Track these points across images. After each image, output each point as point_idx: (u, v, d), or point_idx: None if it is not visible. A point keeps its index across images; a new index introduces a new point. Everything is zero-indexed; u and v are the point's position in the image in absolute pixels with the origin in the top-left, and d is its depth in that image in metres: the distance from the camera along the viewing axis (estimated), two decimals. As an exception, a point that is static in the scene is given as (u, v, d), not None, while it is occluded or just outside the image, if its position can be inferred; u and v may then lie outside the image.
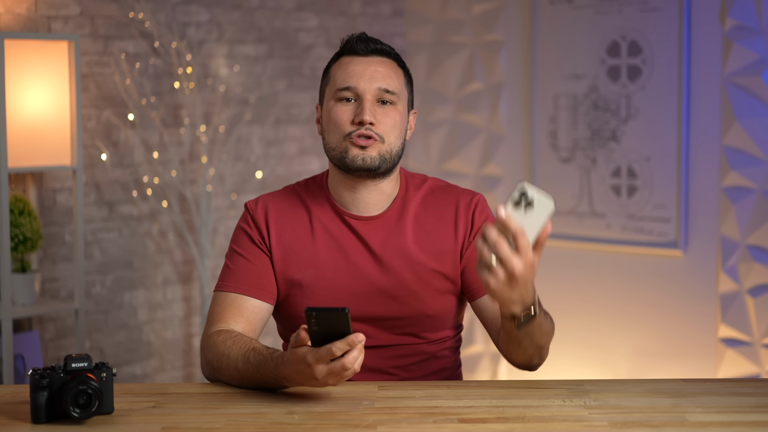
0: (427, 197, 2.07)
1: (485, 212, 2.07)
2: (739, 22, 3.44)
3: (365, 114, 1.96)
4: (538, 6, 4.02)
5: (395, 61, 2.04)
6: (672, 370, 3.68)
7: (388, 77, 2.00)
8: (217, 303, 2.01)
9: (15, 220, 3.18)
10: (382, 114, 1.98)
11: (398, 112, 2.00)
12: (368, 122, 1.96)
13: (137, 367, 3.72)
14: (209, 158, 3.80)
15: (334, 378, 1.67)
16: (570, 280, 3.96)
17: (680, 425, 1.63)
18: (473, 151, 4.25)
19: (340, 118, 1.99)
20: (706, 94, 3.60)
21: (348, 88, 1.98)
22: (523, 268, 1.59)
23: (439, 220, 2.04)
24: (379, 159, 1.97)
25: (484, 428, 1.62)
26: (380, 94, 1.98)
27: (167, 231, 3.76)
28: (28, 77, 3.16)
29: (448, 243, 2.03)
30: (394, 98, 2.00)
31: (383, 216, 2.03)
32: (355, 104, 1.99)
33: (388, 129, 1.98)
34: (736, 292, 3.49)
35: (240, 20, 3.93)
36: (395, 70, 2.02)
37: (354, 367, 1.65)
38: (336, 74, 2.02)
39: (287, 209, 2.06)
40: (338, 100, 2.00)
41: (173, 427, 1.63)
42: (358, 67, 2.00)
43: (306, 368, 1.67)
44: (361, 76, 1.98)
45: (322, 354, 1.65)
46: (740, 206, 3.47)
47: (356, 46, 2.02)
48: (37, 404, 1.63)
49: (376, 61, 2.01)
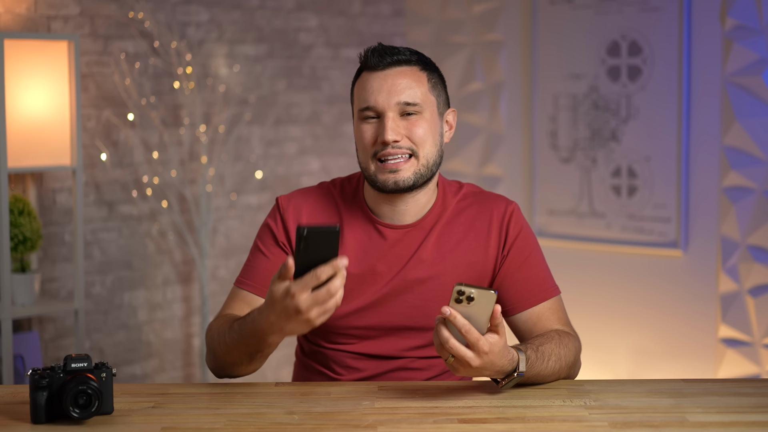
0: (461, 204, 2.02)
1: (519, 223, 2.02)
2: (740, 22, 3.44)
3: (387, 134, 1.89)
4: (538, 6, 4.02)
5: (418, 65, 1.96)
6: (672, 370, 3.68)
7: (408, 88, 1.92)
8: (231, 297, 2.01)
9: (15, 220, 3.17)
10: (410, 126, 1.92)
11: (426, 120, 1.93)
12: (391, 141, 1.90)
13: (137, 367, 3.72)
14: (209, 158, 3.80)
15: (318, 309, 1.61)
16: (570, 280, 3.96)
17: (680, 425, 1.63)
18: (473, 151, 4.25)
19: (365, 137, 1.93)
20: (707, 94, 3.60)
21: (368, 108, 1.92)
22: (478, 360, 1.67)
23: (470, 230, 2.00)
24: (414, 177, 1.93)
25: (484, 428, 1.62)
26: (402, 108, 1.92)
27: (167, 231, 3.76)
28: (27, 77, 3.16)
29: (478, 255, 1.99)
30: (418, 108, 1.92)
31: (418, 225, 1.99)
32: (378, 122, 1.93)
33: (418, 141, 1.92)
34: (736, 292, 3.49)
35: (240, 20, 3.93)
36: (417, 78, 1.94)
37: (337, 296, 1.61)
38: (358, 93, 1.96)
39: (320, 213, 2.02)
40: (362, 120, 1.94)
41: (173, 427, 1.63)
42: (376, 83, 1.92)
43: (290, 301, 1.60)
44: (379, 92, 1.91)
45: (307, 281, 1.59)
46: (740, 206, 3.47)
47: (372, 61, 1.94)
48: (37, 404, 1.63)
49: (395, 72, 1.93)
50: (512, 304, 1.99)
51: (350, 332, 1.99)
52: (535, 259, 2.01)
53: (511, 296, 1.99)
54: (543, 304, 1.98)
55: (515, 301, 1.99)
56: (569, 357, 1.89)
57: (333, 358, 2.02)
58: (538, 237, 4.06)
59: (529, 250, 2.01)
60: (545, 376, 1.85)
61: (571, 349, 1.90)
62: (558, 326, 1.97)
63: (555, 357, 1.85)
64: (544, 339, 1.88)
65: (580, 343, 1.97)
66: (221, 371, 1.91)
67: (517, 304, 1.99)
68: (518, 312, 1.99)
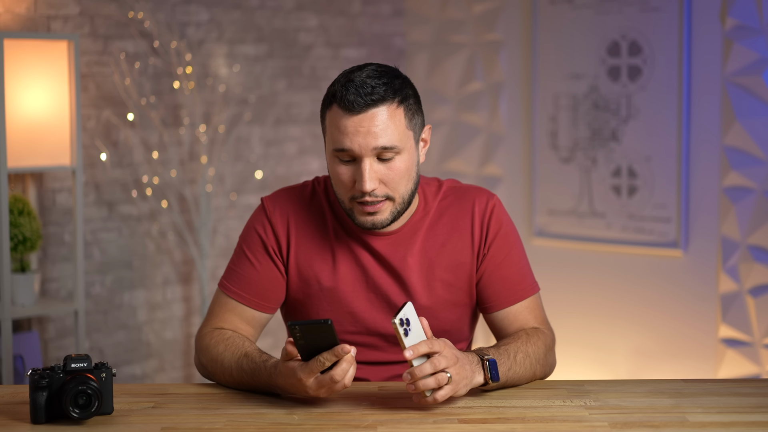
0: (442, 204, 2.00)
1: (500, 219, 1.99)
2: (740, 22, 3.44)
3: (364, 184, 1.82)
4: (538, 6, 4.02)
5: (394, 99, 1.84)
6: (672, 371, 3.68)
7: (386, 130, 1.82)
8: (217, 303, 2.00)
9: (15, 220, 3.17)
10: (386, 170, 1.85)
11: (403, 160, 1.86)
12: (369, 191, 1.84)
13: (137, 368, 3.72)
14: (209, 158, 3.80)
15: (326, 390, 1.69)
16: (570, 280, 3.96)
17: (680, 425, 1.63)
18: (473, 151, 4.25)
19: (342, 180, 1.86)
20: (707, 94, 3.60)
21: (343, 150, 1.83)
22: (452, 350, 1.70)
23: (454, 230, 1.98)
24: (391, 216, 1.89)
25: (484, 428, 1.62)
26: (379, 152, 1.83)
27: (167, 231, 3.76)
28: (27, 77, 3.16)
29: (465, 255, 1.98)
30: (396, 151, 1.84)
31: (401, 231, 1.97)
32: (354, 165, 1.85)
33: (395, 183, 1.86)
34: (736, 292, 3.49)
35: (240, 20, 3.93)
36: (393, 116, 1.84)
37: (344, 380, 1.67)
38: (330, 129, 1.86)
39: (307, 214, 1.99)
40: (337, 160, 1.86)
41: (173, 427, 1.63)
42: (351, 126, 1.82)
43: (297, 382, 1.69)
44: (355, 136, 1.82)
45: (312, 367, 1.66)
46: (741, 206, 3.47)
47: (346, 101, 1.82)
48: (37, 404, 1.63)
49: (370, 114, 1.82)
50: (490, 302, 1.99)
51: (346, 338, 1.98)
52: (515, 257, 2.00)
53: (489, 294, 1.98)
54: (521, 303, 1.98)
55: (493, 300, 1.98)
56: (538, 353, 1.89)
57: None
58: (539, 237, 4.06)
59: (509, 247, 2.00)
60: (519, 373, 1.84)
61: (540, 346, 1.90)
62: (534, 324, 1.97)
63: (522, 353, 1.86)
64: (508, 339, 1.91)
65: (552, 338, 1.97)
66: (211, 379, 1.94)
67: (495, 302, 1.98)
68: (496, 310, 1.98)
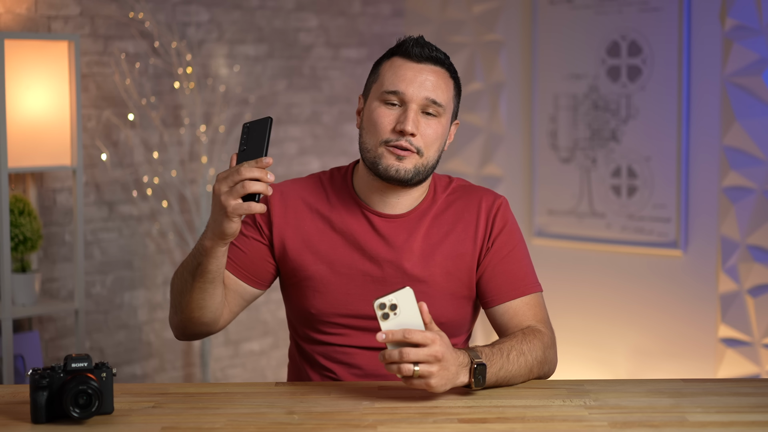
0: (450, 198, 2.03)
1: (506, 217, 2.02)
2: (739, 22, 3.44)
3: (408, 124, 1.89)
4: (538, 6, 4.02)
5: (448, 71, 1.97)
6: (672, 370, 3.68)
7: (437, 88, 1.93)
8: None
9: (15, 220, 3.18)
10: (425, 125, 1.92)
11: (441, 124, 1.94)
12: (409, 133, 1.90)
13: (137, 367, 3.72)
14: (209, 158, 3.80)
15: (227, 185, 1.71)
16: (570, 280, 3.96)
17: (680, 425, 1.63)
18: (473, 151, 4.25)
19: (382, 122, 1.93)
20: (706, 94, 3.60)
21: (395, 93, 1.91)
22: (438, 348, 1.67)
23: (458, 221, 2.01)
24: (413, 172, 1.93)
25: (484, 428, 1.62)
26: (427, 104, 1.91)
27: (167, 231, 3.76)
28: (28, 77, 3.16)
29: (467, 246, 2.00)
30: (440, 110, 1.93)
31: (407, 216, 2.00)
32: (399, 110, 1.92)
33: (429, 142, 1.92)
34: (736, 292, 3.49)
35: (240, 20, 3.93)
36: (446, 81, 1.95)
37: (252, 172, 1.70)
38: (385, 74, 1.95)
39: (308, 199, 2.04)
40: (383, 102, 1.93)
41: (173, 427, 1.63)
42: (410, 72, 1.92)
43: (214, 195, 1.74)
44: (411, 82, 1.91)
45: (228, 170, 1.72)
46: (740, 206, 3.47)
47: (411, 50, 1.93)
48: (37, 404, 1.63)
49: (429, 69, 1.93)
50: (491, 295, 1.99)
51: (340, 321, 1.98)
52: (518, 254, 2.02)
53: (491, 288, 1.99)
54: (521, 299, 1.99)
55: (494, 293, 1.99)
56: (534, 351, 1.88)
57: (324, 353, 2.01)
58: (539, 237, 4.06)
59: (513, 244, 2.01)
60: (511, 371, 1.83)
61: (536, 344, 1.89)
62: (533, 322, 1.97)
63: (516, 351, 1.85)
64: (505, 338, 1.91)
65: (551, 337, 1.96)
66: (178, 315, 1.94)
67: (496, 296, 1.99)
68: (496, 304, 1.99)
